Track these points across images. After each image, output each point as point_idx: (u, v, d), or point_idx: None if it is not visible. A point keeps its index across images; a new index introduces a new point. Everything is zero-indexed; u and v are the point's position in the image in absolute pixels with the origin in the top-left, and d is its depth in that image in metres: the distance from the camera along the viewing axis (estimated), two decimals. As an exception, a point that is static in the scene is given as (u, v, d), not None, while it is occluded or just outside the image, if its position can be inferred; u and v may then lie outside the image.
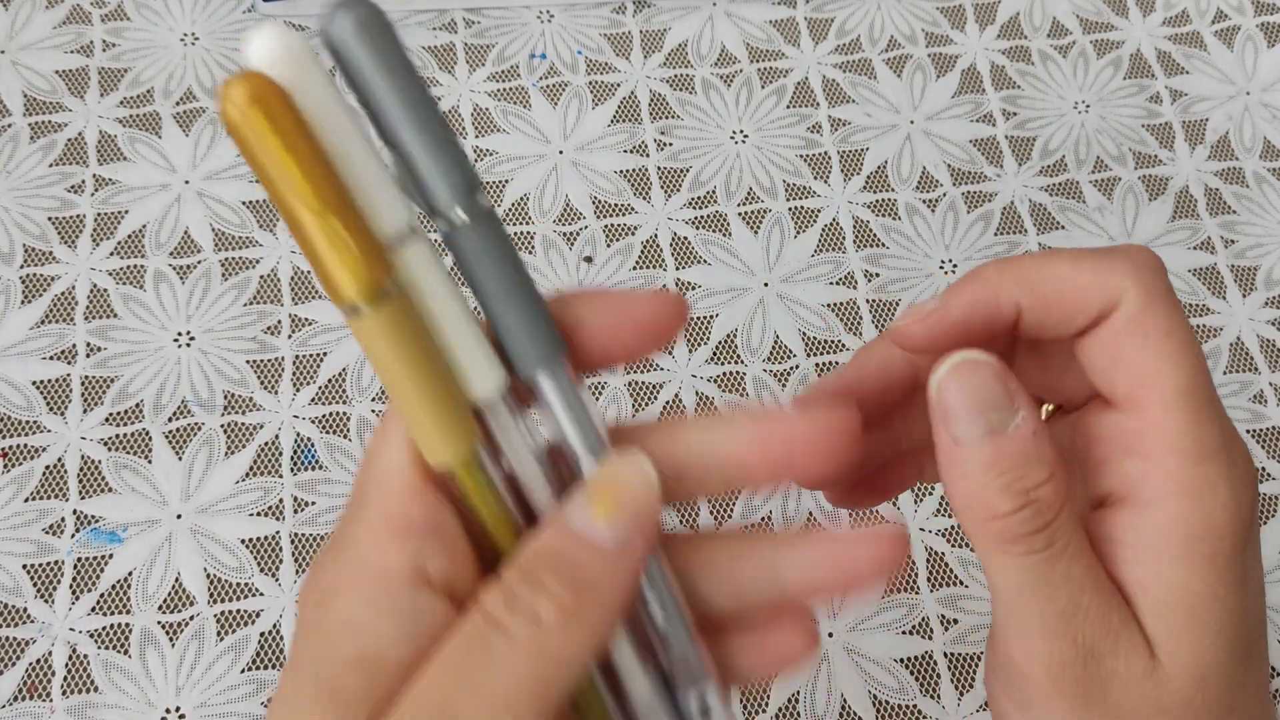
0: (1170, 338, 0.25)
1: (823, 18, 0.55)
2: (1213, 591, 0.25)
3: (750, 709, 0.41)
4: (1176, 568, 0.25)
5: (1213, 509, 0.24)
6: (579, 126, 0.52)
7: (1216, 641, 0.25)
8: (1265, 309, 0.49)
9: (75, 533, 0.42)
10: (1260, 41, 0.56)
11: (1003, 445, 0.24)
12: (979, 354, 0.25)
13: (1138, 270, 0.25)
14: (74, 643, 0.40)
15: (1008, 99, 0.54)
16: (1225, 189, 0.52)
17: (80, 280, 0.47)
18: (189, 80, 0.52)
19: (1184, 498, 0.24)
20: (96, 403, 0.44)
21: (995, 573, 0.25)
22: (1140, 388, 0.25)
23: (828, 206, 0.50)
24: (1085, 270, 0.25)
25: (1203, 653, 0.25)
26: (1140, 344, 0.25)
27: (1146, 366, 0.25)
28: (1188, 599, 0.25)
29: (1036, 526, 0.24)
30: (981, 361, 0.25)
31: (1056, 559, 0.24)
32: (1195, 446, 0.25)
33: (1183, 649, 0.25)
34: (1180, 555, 0.25)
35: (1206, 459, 0.25)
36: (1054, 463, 0.24)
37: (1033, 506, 0.24)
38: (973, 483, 0.24)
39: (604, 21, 0.55)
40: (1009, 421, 0.24)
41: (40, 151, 0.49)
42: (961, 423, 0.24)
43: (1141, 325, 0.25)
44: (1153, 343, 0.25)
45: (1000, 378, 0.25)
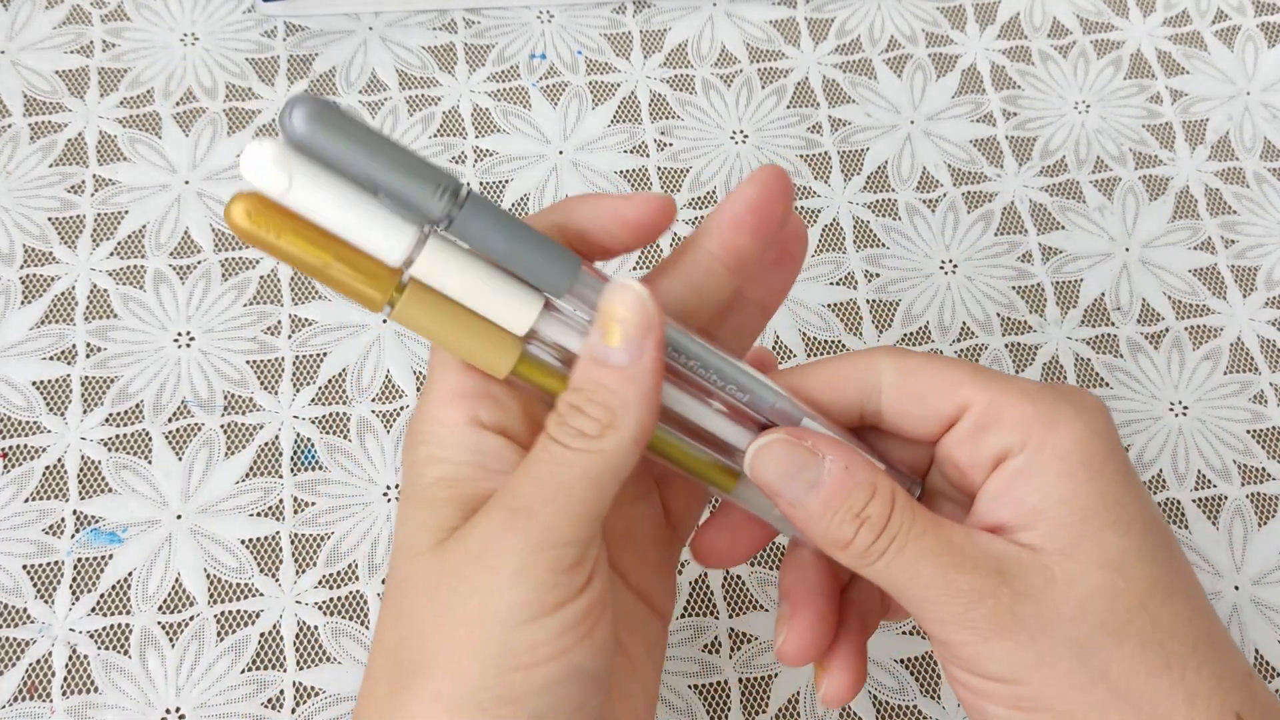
0: (932, 361, 0.30)
1: (823, 18, 0.55)
2: (1097, 490, 0.28)
3: (750, 709, 0.41)
4: (1060, 481, 0.28)
5: (1069, 427, 0.28)
6: (579, 127, 0.52)
7: (1117, 529, 0.28)
8: (1265, 309, 0.49)
9: (75, 533, 0.42)
10: (1260, 41, 0.56)
11: (823, 491, 0.28)
12: (770, 434, 0.29)
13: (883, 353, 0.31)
14: (74, 643, 0.40)
15: (1008, 99, 0.54)
16: (1225, 189, 0.52)
17: (80, 280, 0.47)
18: (189, 80, 0.52)
19: (1041, 427, 0.28)
20: (96, 403, 0.44)
21: (877, 582, 0.29)
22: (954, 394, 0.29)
23: (828, 206, 0.50)
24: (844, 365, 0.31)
25: (1105, 544, 0.28)
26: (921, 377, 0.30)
27: (941, 381, 0.30)
28: (1075, 503, 0.28)
29: (875, 535, 0.28)
30: (772, 441, 0.29)
31: (903, 545, 0.28)
32: (1025, 393, 0.29)
33: (1082, 546, 0.28)
34: (1060, 470, 0.28)
35: (1039, 396, 0.29)
36: (871, 482, 0.28)
37: (866, 523, 0.28)
38: (818, 529, 0.29)
39: (604, 21, 0.55)
40: (820, 472, 0.29)
41: (40, 152, 0.49)
42: (786, 491, 0.29)
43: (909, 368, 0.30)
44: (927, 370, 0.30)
45: (792, 445, 0.29)
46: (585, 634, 0.27)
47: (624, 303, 0.27)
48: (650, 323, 0.27)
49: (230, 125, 0.51)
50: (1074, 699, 0.27)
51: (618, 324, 0.27)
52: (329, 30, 0.53)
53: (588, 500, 0.27)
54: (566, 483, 0.26)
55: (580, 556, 0.27)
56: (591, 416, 0.27)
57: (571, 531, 0.26)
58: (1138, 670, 0.27)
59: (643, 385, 0.27)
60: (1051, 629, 0.27)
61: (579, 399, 0.27)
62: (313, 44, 0.53)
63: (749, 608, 0.42)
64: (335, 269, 0.26)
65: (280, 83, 0.52)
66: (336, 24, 0.54)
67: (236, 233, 0.26)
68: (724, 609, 0.42)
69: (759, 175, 0.30)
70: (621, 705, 0.30)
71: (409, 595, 0.28)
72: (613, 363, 0.27)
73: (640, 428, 0.27)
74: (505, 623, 0.26)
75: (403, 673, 0.27)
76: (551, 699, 0.26)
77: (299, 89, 0.52)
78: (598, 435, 0.27)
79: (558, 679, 0.26)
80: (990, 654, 0.28)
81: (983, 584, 0.27)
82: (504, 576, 0.26)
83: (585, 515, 0.27)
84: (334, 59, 0.53)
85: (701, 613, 0.42)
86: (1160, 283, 0.49)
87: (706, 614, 0.42)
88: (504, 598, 0.26)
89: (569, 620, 0.26)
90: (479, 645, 0.26)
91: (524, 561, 0.26)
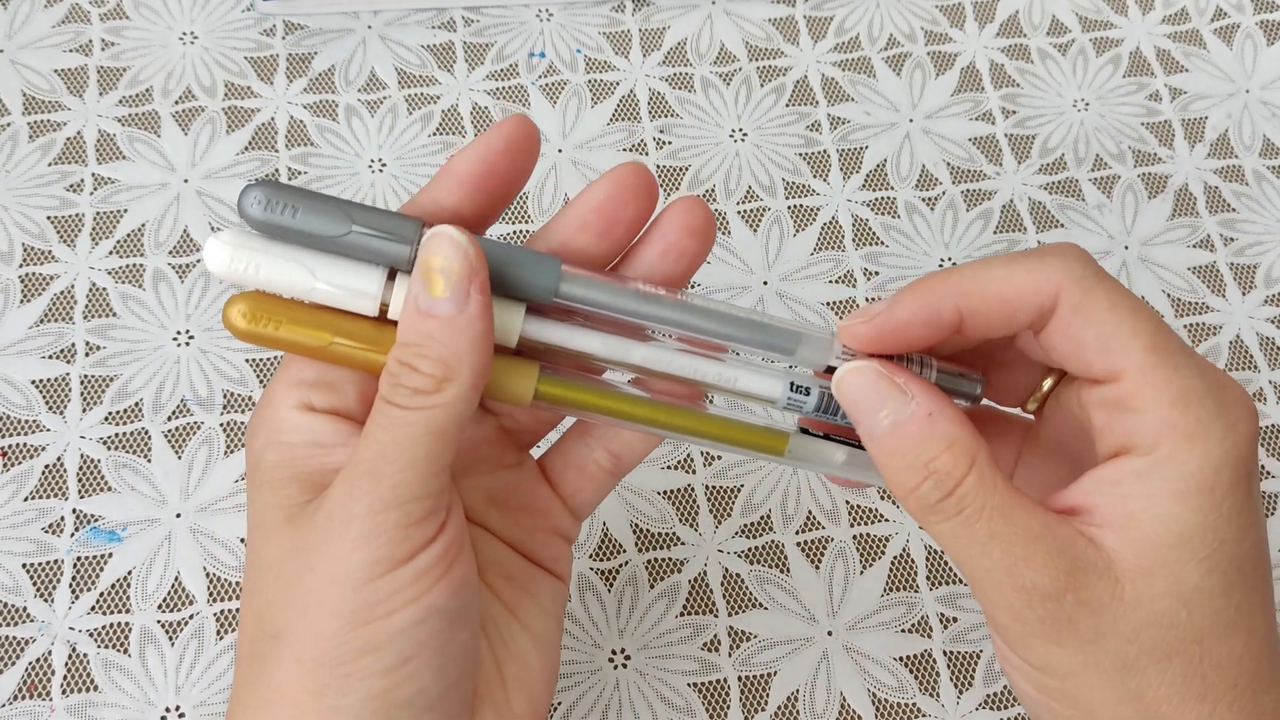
0: (1117, 310, 0.28)
1: (822, 16, 0.55)
2: (1204, 522, 0.27)
3: (750, 708, 0.41)
4: (1171, 502, 0.27)
5: (1207, 447, 0.27)
6: (578, 125, 0.52)
7: (1204, 565, 0.27)
8: (1265, 307, 0.49)
9: (75, 532, 0.42)
10: (1260, 39, 0.56)
11: (901, 430, 0.28)
12: (863, 361, 0.29)
13: (1067, 264, 0.28)
14: (74, 642, 0.40)
15: (1007, 97, 0.54)
16: (1225, 187, 0.52)
17: (79, 279, 0.47)
18: (188, 79, 0.52)
19: (1177, 440, 0.27)
20: (96, 402, 0.44)
21: (938, 541, 0.28)
22: (1111, 360, 0.28)
23: (827, 205, 0.50)
24: (1018, 274, 0.28)
25: (1186, 576, 0.27)
26: (1092, 325, 0.28)
27: (1107, 341, 0.27)
28: (1175, 529, 0.27)
29: (942, 494, 0.27)
30: (863, 366, 0.29)
31: (974, 521, 0.27)
32: (1181, 393, 0.27)
33: (1162, 571, 0.27)
34: (1176, 491, 0.27)
35: (1194, 403, 0.27)
36: (950, 435, 0.27)
37: (933, 478, 0.27)
38: (889, 467, 0.28)
39: (603, 20, 0.55)
40: (905, 410, 0.28)
41: (39, 150, 0.49)
42: (866, 420, 0.28)
43: (1086, 310, 0.28)
44: (1103, 320, 0.27)
45: (883, 376, 0.28)
46: (440, 576, 0.27)
47: (443, 251, 0.27)
48: (473, 268, 0.27)
49: (229, 124, 0.51)
50: (1100, 707, 0.27)
51: (438, 273, 0.26)
52: (328, 29, 0.53)
53: (431, 455, 0.27)
54: (407, 442, 0.26)
55: (431, 508, 0.27)
56: (425, 373, 0.26)
57: (420, 487, 0.27)
58: (1171, 698, 0.27)
59: (473, 331, 0.27)
60: (1104, 644, 0.27)
61: (409, 355, 0.27)
62: (312, 42, 0.53)
63: (748, 606, 0.42)
64: (338, 344, 0.28)
65: (279, 81, 0.52)
66: (335, 22, 0.54)
67: (237, 335, 0.28)
68: (723, 607, 0.42)
69: (611, 173, 0.30)
70: (511, 664, 0.31)
71: (263, 572, 0.28)
72: (439, 313, 0.26)
73: (476, 373, 0.27)
74: (357, 580, 0.26)
75: (262, 644, 0.28)
76: (411, 641, 0.27)
77: (298, 88, 0.52)
78: (434, 390, 0.26)
79: (415, 620, 0.27)
80: (1033, 649, 0.28)
81: (1049, 585, 0.27)
82: (351, 539, 0.26)
83: (431, 470, 0.27)
84: (333, 57, 0.53)
85: (701, 611, 0.42)
86: (1159, 281, 0.49)
87: (706, 612, 0.42)
88: (354, 559, 0.26)
89: (422, 567, 0.27)
90: (333, 604, 0.26)
91: (370, 524, 0.26)
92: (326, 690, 0.27)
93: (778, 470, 0.44)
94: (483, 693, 0.30)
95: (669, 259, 0.30)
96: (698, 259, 0.31)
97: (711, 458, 0.44)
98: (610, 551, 0.43)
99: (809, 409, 0.30)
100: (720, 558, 0.43)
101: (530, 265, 0.28)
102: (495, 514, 0.32)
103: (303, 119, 0.51)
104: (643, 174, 0.30)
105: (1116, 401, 0.28)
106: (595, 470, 0.33)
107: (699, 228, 0.30)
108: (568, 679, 0.41)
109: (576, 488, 0.33)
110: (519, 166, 0.29)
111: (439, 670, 0.27)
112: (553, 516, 0.33)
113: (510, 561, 0.32)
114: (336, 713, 0.27)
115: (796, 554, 0.43)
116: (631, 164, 0.30)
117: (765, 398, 0.30)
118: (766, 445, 0.31)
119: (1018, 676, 0.29)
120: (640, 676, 0.41)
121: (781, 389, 0.30)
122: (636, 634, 0.42)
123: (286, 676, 0.27)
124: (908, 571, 0.43)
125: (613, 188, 0.29)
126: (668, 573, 0.43)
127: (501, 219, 0.48)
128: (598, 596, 0.42)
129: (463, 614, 0.28)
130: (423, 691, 0.27)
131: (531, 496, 0.33)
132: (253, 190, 0.27)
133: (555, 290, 0.28)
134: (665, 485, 0.44)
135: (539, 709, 0.31)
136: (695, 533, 0.43)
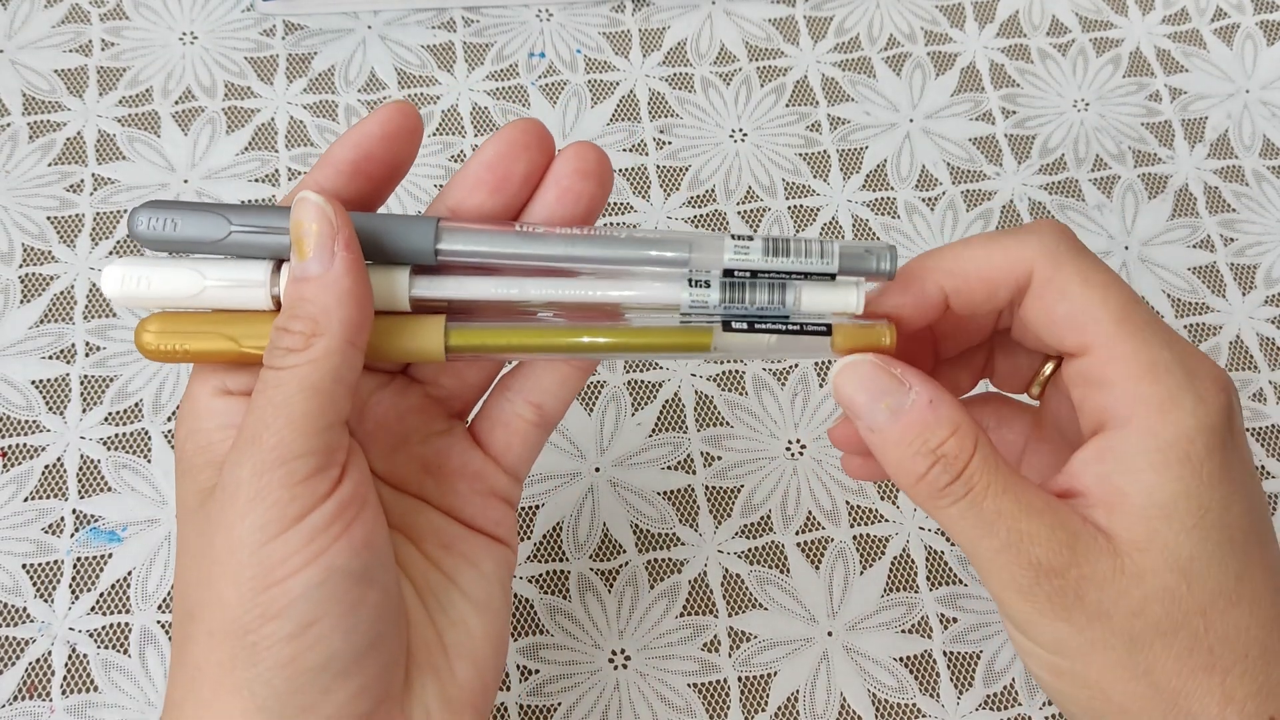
0: (1088, 284, 0.28)
1: (822, 16, 0.55)
2: (1186, 490, 0.27)
3: (750, 708, 0.41)
4: (1152, 473, 0.27)
5: (1178, 417, 0.27)
6: (578, 125, 0.52)
7: (1194, 535, 0.27)
8: (1265, 307, 0.49)
9: (75, 532, 0.42)
10: (1260, 39, 0.56)
11: (905, 420, 0.28)
12: (858, 356, 0.29)
13: (1043, 240, 0.29)
14: (73, 642, 0.40)
15: (1007, 97, 0.54)
16: (1225, 187, 0.52)
17: (79, 279, 0.47)
18: (188, 79, 0.52)
19: (1149, 411, 0.27)
20: (95, 402, 0.44)
21: (943, 525, 0.28)
22: (1081, 334, 0.28)
23: (827, 205, 0.50)
24: (996, 252, 0.29)
25: (1179, 547, 0.27)
26: (1064, 300, 0.28)
27: (1077, 315, 0.28)
28: (1159, 500, 0.27)
29: (951, 477, 0.28)
30: (860, 360, 0.29)
31: (981, 499, 0.27)
32: (1149, 366, 0.28)
33: (1156, 545, 0.27)
34: (1155, 462, 0.27)
35: (1163, 374, 0.27)
36: (955, 420, 0.28)
37: (942, 461, 0.28)
38: (893, 457, 0.28)
39: (603, 20, 0.55)
40: (904, 400, 0.28)
41: (39, 151, 0.49)
42: (867, 413, 0.29)
43: (1057, 284, 0.29)
44: (1074, 294, 0.28)
45: (881, 368, 0.29)
46: (339, 534, 0.27)
47: (305, 215, 0.28)
48: (333, 226, 0.27)
49: (229, 124, 0.51)
50: (1112, 685, 0.28)
51: (304, 236, 0.27)
52: (328, 29, 0.53)
53: (311, 411, 0.27)
54: (283, 401, 0.27)
55: (318, 465, 0.27)
56: (295, 331, 0.27)
57: (301, 444, 0.27)
58: (1180, 671, 0.27)
59: (341, 285, 0.27)
60: (1109, 619, 0.27)
61: (284, 320, 0.28)
62: (311, 42, 0.53)
63: (748, 606, 0.42)
64: (248, 347, 0.29)
65: (279, 81, 0.52)
66: (335, 22, 0.54)
67: (149, 357, 0.29)
68: (723, 607, 0.42)
69: (502, 130, 0.30)
70: (452, 631, 0.31)
71: (181, 555, 0.29)
72: (309, 274, 0.27)
73: (348, 326, 0.27)
74: (250, 546, 0.27)
75: (182, 625, 0.28)
76: (314, 604, 0.27)
77: (298, 88, 0.52)
78: (303, 348, 0.27)
79: (316, 582, 0.27)
80: (1043, 629, 0.28)
81: (1054, 560, 0.27)
82: (240, 505, 0.27)
83: (315, 425, 0.27)
84: (333, 58, 0.53)
85: (701, 611, 0.42)
86: (1159, 281, 0.49)
87: (706, 613, 0.42)
88: (244, 523, 0.27)
89: (316, 526, 0.27)
90: (232, 573, 0.27)
91: (256, 486, 0.27)
92: (237, 662, 0.27)
93: (778, 471, 0.44)
94: (422, 660, 0.30)
95: (565, 203, 0.30)
96: (595, 201, 0.31)
97: (712, 458, 0.44)
98: (610, 552, 0.43)
99: (714, 301, 0.30)
100: (720, 558, 0.43)
101: (406, 227, 0.29)
102: (430, 483, 0.33)
103: (303, 119, 0.51)
104: (534, 128, 0.30)
105: (1090, 376, 0.29)
106: (520, 424, 0.33)
107: (590, 170, 0.30)
108: (568, 679, 0.41)
109: (505, 445, 0.33)
110: (397, 152, 0.30)
111: (347, 633, 0.27)
112: (487, 478, 0.33)
113: (449, 530, 0.32)
114: (251, 683, 0.27)
115: (796, 554, 0.43)
116: (523, 120, 0.30)
117: (668, 304, 0.30)
118: (691, 344, 0.30)
119: (1034, 663, 0.29)
120: (640, 677, 0.41)
121: (681, 290, 0.29)
122: (636, 634, 0.42)
123: (202, 653, 0.27)
124: (908, 572, 0.43)
125: (504, 144, 0.30)
126: (668, 573, 0.43)
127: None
128: (598, 597, 0.42)
129: (367, 574, 0.28)
130: (334, 656, 0.27)
131: (463, 460, 0.33)
132: (138, 212, 0.29)
133: (435, 248, 0.29)
134: (665, 486, 0.44)
135: (485, 677, 0.31)
136: (695, 533, 0.43)
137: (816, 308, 0.30)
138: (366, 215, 0.29)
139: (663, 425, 0.45)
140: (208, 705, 0.27)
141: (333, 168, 0.29)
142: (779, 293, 0.30)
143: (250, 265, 0.29)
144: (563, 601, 0.42)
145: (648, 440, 0.45)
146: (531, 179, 0.30)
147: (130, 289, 0.29)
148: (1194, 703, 0.27)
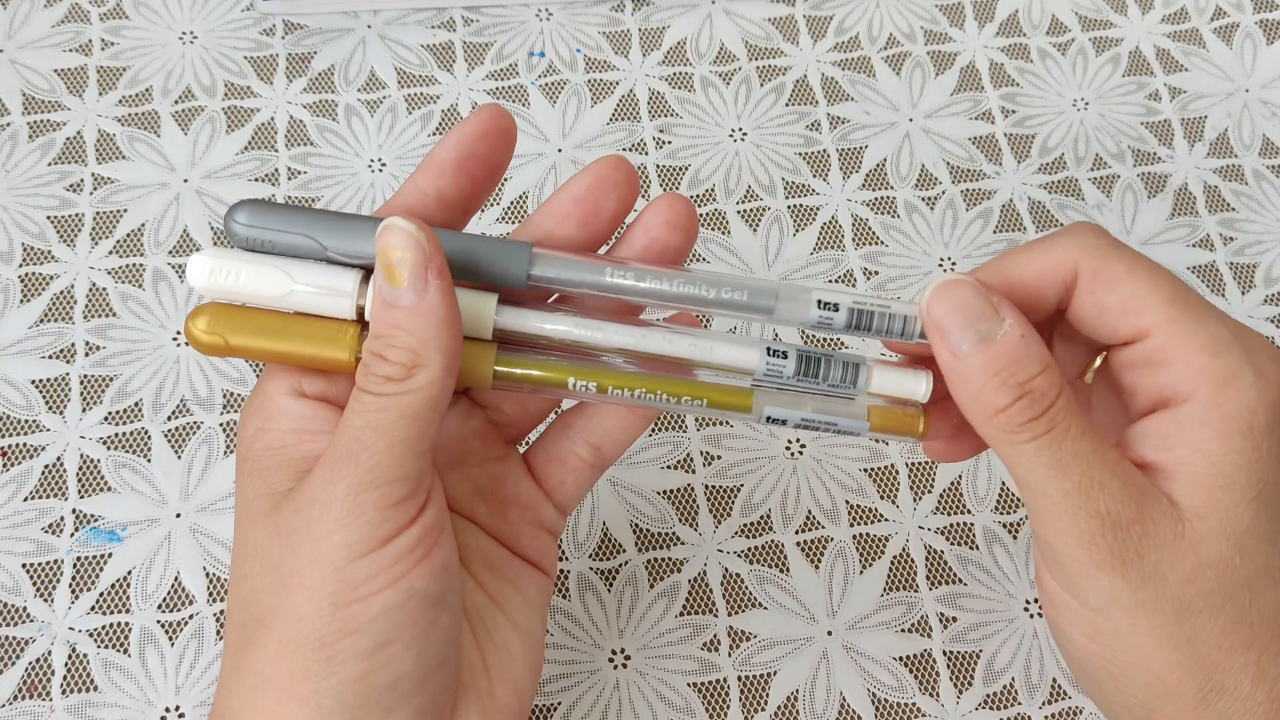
0: (1134, 272, 0.28)
1: (821, 15, 0.55)
2: (1247, 462, 0.27)
3: (749, 708, 0.41)
4: (1216, 443, 0.27)
5: (1240, 389, 0.27)
6: (578, 124, 0.52)
7: (1251, 507, 0.27)
8: (1264, 306, 0.49)
9: (74, 532, 0.42)
10: (1259, 39, 0.56)
11: (994, 349, 0.27)
12: (958, 275, 0.28)
13: (1080, 239, 0.29)
14: (73, 642, 0.40)
15: (1007, 96, 0.54)
16: (1224, 186, 0.52)
17: (79, 279, 0.47)
18: (188, 79, 0.52)
19: (1212, 385, 0.27)
20: (95, 402, 0.44)
21: (1013, 465, 0.28)
22: (1135, 319, 0.28)
23: (827, 204, 0.50)
24: (1037, 256, 0.29)
25: (1238, 518, 0.27)
26: (1113, 290, 0.28)
27: (1128, 302, 0.28)
28: (1223, 469, 0.27)
29: (1036, 412, 0.27)
30: (960, 280, 0.28)
31: (1061, 439, 0.27)
32: (1209, 341, 0.28)
33: (1215, 513, 0.27)
34: (1219, 432, 0.27)
35: (1222, 349, 0.28)
36: (1045, 358, 0.28)
37: (1029, 396, 0.27)
38: (974, 386, 0.28)
39: (602, 19, 0.55)
40: (996, 329, 0.28)
41: (39, 150, 0.49)
42: (955, 336, 0.28)
43: (1104, 275, 0.29)
44: (1123, 282, 0.28)
45: (980, 292, 0.28)
46: (420, 559, 0.27)
47: (395, 242, 0.27)
48: (426, 254, 0.27)
49: (229, 124, 0.51)
50: (1154, 651, 0.28)
51: (396, 265, 0.27)
52: (328, 28, 0.53)
53: (409, 438, 0.27)
54: (383, 426, 0.27)
55: (410, 490, 0.27)
56: (394, 361, 0.27)
57: (397, 469, 0.27)
58: (1221, 644, 0.27)
59: (436, 316, 0.27)
60: (1163, 581, 0.27)
61: (379, 346, 0.28)
62: (311, 42, 0.53)
63: (748, 606, 0.42)
64: (297, 344, 0.29)
65: (279, 81, 0.52)
66: (335, 22, 0.54)
67: (199, 349, 0.29)
68: (723, 607, 0.42)
69: (592, 166, 0.30)
70: (495, 655, 0.31)
71: (249, 559, 0.29)
72: (402, 303, 0.27)
73: (445, 357, 0.28)
74: (336, 562, 0.27)
75: (248, 630, 0.28)
76: (390, 623, 0.27)
77: (298, 87, 0.52)
78: (405, 377, 0.27)
79: (395, 604, 0.27)
80: (1096, 582, 0.28)
81: (1122, 511, 0.27)
82: (330, 521, 0.27)
83: (409, 452, 0.27)
84: (332, 57, 0.53)
85: (700, 611, 0.42)
86: (1159, 280, 0.49)
87: (705, 612, 0.42)
88: (332, 540, 0.27)
89: (402, 549, 0.27)
90: (313, 586, 0.27)
91: (349, 505, 0.27)
92: (308, 673, 0.27)
93: (777, 470, 0.44)
94: (467, 682, 0.30)
95: (652, 253, 0.31)
96: (680, 254, 0.31)
97: (711, 457, 0.44)
98: (610, 551, 0.43)
99: (789, 373, 0.30)
100: (720, 557, 0.43)
101: (501, 253, 0.29)
102: (481, 506, 0.33)
103: (302, 119, 0.51)
104: (623, 167, 0.30)
105: (1146, 359, 0.28)
106: (577, 463, 0.33)
107: (681, 223, 0.31)
108: (568, 679, 0.41)
109: (559, 480, 0.34)
110: (497, 151, 0.30)
111: (419, 654, 0.28)
112: (537, 509, 0.33)
113: (495, 554, 0.32)
114: (319, 695, 0.27)
115: (796, 554, 0.43)
116: (613, 157, 0.30)
117: (743, 369, 0.30)
118: (735, 405, 0.31)
119: (1070, 627, 0.29)
120: (640, 676, 0.41)
121: (758, 357, 0.30)
122: (636, 634, 0.42)
123: (270, 660, 0.27)
124: (907, 571, 0.43)
125: (594, 179, 0.30)
126: (667, 573, 0.43)
127: (503, 219, 0.48)
128: (598, 596, 0.42)
129: (443, 598, 0.28)
130: (404, 676, 0.27)
131: (516, 489, 0.33)
132: (238, 210, 0.28)
133: (528, 274, 0.29)
134: (665, 485, 0.44)
135: (523, 701, 0.31)
136: (695, 533, 0.43)
137: (884, 390, 0.30)
138: (455, 235, 0.29)
139: (662, 424, 0.45)
140: (269, 711, 0.27)
141: (436, 168, 0.30)
142: (851, 372, 0.30)
143: (339, 274, 0.29)
144: (562, 601, 0.42)
145: (647, 439, 0.45)
146: (619, 217, 0.31)
147: (219, 281, 0.28)
148: (1229, 677, 0.27)
